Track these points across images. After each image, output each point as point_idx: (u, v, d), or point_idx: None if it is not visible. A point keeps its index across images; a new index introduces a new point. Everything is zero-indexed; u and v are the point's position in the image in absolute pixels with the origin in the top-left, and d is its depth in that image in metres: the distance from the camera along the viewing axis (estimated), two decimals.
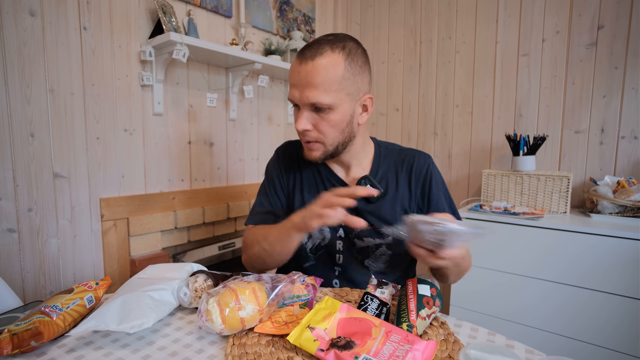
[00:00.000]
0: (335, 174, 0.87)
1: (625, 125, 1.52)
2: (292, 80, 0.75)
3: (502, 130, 1.80)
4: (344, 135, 0.78)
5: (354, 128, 0.79)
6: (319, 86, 0.70)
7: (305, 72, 0.71)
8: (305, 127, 0.74)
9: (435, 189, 0.84)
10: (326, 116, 0.74)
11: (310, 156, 0.79)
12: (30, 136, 1.10)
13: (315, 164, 0.89)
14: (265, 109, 1.88)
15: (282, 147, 0.97)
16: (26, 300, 1.11)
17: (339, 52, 0.72)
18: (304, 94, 0.72)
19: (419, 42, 2.05)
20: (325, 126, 0.75)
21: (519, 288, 1.39)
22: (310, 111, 0.74)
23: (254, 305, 0.56)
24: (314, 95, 0.71)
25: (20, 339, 0.50)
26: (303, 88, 0.72)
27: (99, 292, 0.64)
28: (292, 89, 0.75)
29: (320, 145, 0.78)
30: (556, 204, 1.47)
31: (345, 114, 0.75)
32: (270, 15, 1.84)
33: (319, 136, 0.76)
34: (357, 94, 0.76)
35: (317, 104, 0.72)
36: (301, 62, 0.72)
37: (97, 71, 1.24)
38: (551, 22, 1.65)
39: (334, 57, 0.71)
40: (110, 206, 1.27)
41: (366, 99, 0.78)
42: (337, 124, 0.75)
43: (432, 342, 0.49)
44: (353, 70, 0.73)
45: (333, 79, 0.71)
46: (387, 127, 2.19)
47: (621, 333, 1.20)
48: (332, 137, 0.76)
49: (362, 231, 0.82)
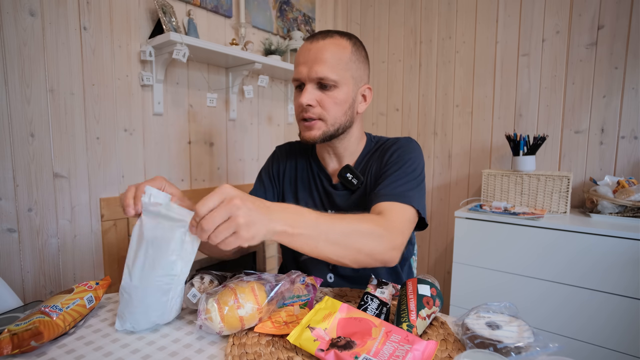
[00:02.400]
0: (325, 169, 0.88)
1: (625, 125, 1.52)
2: (301, 58, 0.76)
3: (502, 130, 1.80)
4: (346, 117, 0.79)
5: (354, 114, 0.81)
6: (328, 62, 0.73)
7: (316, 48, 0.74)
8: (309, 102, 0.75)
9: (395, 157, 0.79)
10: (331, 93, 0.75)
11: (310, 136, 0.78)
12: (30, 136, 1.10)
13: (307, 159, 0.91)
14: (265, 109, 1.88)
15: (281, 145, 0.99)
16: (26, 300, 1.11)
17: (347, 39, 0.78)
18: (312, 68, 0.74)
19: (419, 42, 2.05)
20: (329, 103, 0.76)
21: (518, 288, 1.39)
22: (315, 88, 0.75)
23: (253, 303, 0.56)
24: (322, 70, 0.73)
25: (20, 339, 0.50)
26: (312, 64, 0.74)
27: (99, 292, 0.64)
28: (299, 66, 0.76)
29: (321, 124, 0.77)
30: (556, 204, 1.47)
31: (349, 95, 0.77)
32: (270, 15, 1.84)
33: (322, 113, 0.76)
34: (360, 80, 0.80)
35: (325, 78, 0.73)
36: (312, 42, 0.76)
37: (97, 71, 1.24)
38: (551, 22, 1.65)
39: (343, 41, 0.77)
40: (110, 206, 1.27)
41: (366, 88, 0.82)
42: (341, 103, 0.76)
43: (432, 342, 0.49)
44: (358, 57, 0.78)
45: (341, 58, 0.75)
46: (387, 127, 2.19)
47: (621, 333, 1.21)
48: (334, 116, 0.77)
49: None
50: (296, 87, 0.80)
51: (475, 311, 0.57)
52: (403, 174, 0.76)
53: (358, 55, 0.78)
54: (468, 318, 0.55)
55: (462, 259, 1.52)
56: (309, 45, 0.76)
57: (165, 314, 0.58)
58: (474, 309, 0.58)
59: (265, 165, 0.97)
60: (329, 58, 0.74)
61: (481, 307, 0.58)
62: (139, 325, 0.57)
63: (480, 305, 0.58)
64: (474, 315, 0.56)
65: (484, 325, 0.53)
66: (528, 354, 0.47)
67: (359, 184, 0.82)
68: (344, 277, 0.86)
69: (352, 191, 0.84)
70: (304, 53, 0.76)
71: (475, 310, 0.57)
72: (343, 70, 0.75)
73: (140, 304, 0.56)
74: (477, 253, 1.48)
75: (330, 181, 0.87)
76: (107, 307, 0.67)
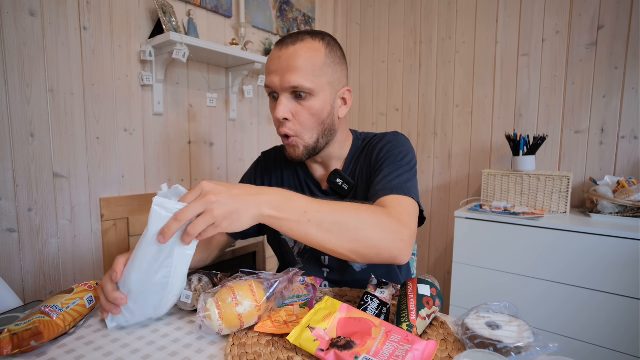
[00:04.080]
0: (312, 175, 0.85)
1: (625, 125, 1.52)
2: (272, 66, 0.71)
3: (502, 130, 1.80)
4: (324, 127, 0.74)
5: (334, 121, 0.76)
6: (300, 69, 0.68)
7: (287, 56, 0.69)
8: (284, 115, 0.70)
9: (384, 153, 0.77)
10: (306, 103, 0.71)
11: (294, 154, 0.75)
12: (30, 136, 1.10)
13: (294, 166, 0.87)
14: (265, 109, 1.88)
15: (267, 152, 0.95)
16: (26, 300, 1.11)
17: (319, 41, 0.72)
18: (285, 78, 0.69)
19: (419, 42, 2.05)
20: (305, 115, 0.71)
21: (518, 288, 1.39)
22: (290, 99, 0.71)
23: (251, 301, 0.56)
24: (295, 79, 0.68)
25: (20, 339, 0.50)
26: (284, 72, 0.69)
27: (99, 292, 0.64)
28: (270, 75, 0.71)
29: (299, 141, 0.73)
30: (556, 204, 1.47)
31: (326, 103, 0.73)
32: (270, 15, 1.84)
33: (298, 128, 0.72)
34: (337, 84, 0.75)
35: (298, 87, 0.69)
36: (282, 48, 0.70)
37: (97, 71, 1.24)
38: (551, 22, 1.65)
39: (315, 44, 0.71)
40: (110, 206, 1.27)
41: (345, 91, 0.77)
42: (318, 113, 0.72)
43: (432, 342, 0.49)
44: (333, 60, 0.73)
45: (315, 64, 0.70)
46: (387, 127, 2.19)
47: (621, 333, 1.21)
48: (311, 129, 0.73)
49: None
50: (269, 95, 0.75)
51: (475, 311, 0.57)
52: (397, 166, 0.73)
53: (333, 58, 0.73)
54: (468, 318, 0.55)
55: (462, 259, 1.52)
56: (278, 53, 0.70)
57: (160, 308, 0.58)
58: (474, 309, 0.58)
59: (247, 174, 0.94)
60: (302, 65, 0.68)
61: (481, 307, 0.58)
62: (133, 318, 0.57)
63: (480, 305, 0.58)
64: (474, 315, 0.56)
65: (484, 325, 0.53)
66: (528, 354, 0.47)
67: (350, 188, 0.79)
68: (339, 284, 0.83)
69: (343, 196, 0.81)
70: (274, 60, 0.71)
71: (475, 310, 0.57)
72: (318, 77, 0.70)
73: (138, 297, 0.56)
74: (477, 253, 1.48)
75: (320, 187, 0.84)
76: None
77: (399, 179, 0.71)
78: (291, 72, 0.68)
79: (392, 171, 0.72)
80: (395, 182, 0.70)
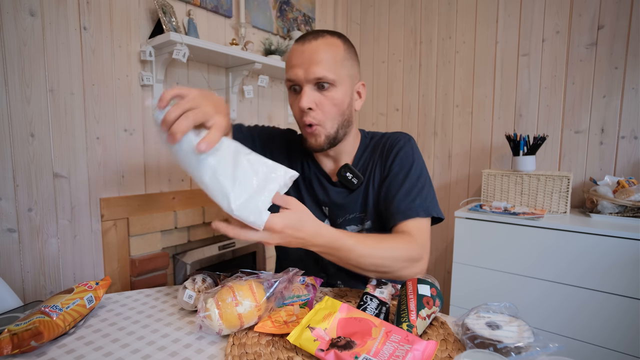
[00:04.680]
0: (322, 168, 0.87)
1: (625, 125, 1.52)
2: (295, 60, 0.75)
3: (502, 130, 1.80)
4: (343, 117, 0.79)
5: (352, 113, 0.81)
6: (323, 62, 0.73)
7: (310, 50, 0.73)
8: (309, 105, 0.74)
9: (398, 161, 0.81)
10: (329, 94, 0.75)
11: (315, 143, 0.78)
12: (30, 136, 1.10)
13: (305, 157, 0.89)
14: (265, 109, 1.88)
15: (288, 131, 0.97)
16: (26, 300, 1.11)
17: (337, 38, 0.77)
18: (309, 70, 0.73)
19: (419, 42, 2.05)
20: (328, 105, 0.75)
21: (518, 288, 1.39)
22: (313, 89, 0.74)
23: (251, 301, 0.56)
24: (320, 70, 0.72)
25: (20, 339, 0.50)
26: (308, 65, 0.73)
27: (99, 292, 0.64)
28: (293, 69, 0.75)
29: (321, 130, 0.77)
30: (556, 204, 1.47)
31: (346, 95, 0.77)
32: (270, 15, 1.84)
33: (321, 118, 0.76)
34: (354, 77, 0.80)
35: (322, 78, 0.73)
36: (304, 43, 0.75)
37: (97, 71, 1.24)
38: (551, 22, 1.65)
39: (334, 40, 0.76)
40: (110, 206, 1.27)
41: (360, 85, 0.82)
42: (339, 103, 0.76)
43: (432, 342, 0.49)
44: (351, 55, 0.78)
45: (335, 57, 0.75)
46: (387, 127, 2.19)
47: (621, 333, 1.21)
48: (332, 118, 0.77)
49: (344, 220, 0.84)
50: (290, 88, 0.78)
51: (475, 311, 0.57)
52: (414, 183, 0.78)
53: (350, 53, 0.78)
54: (468, 318, 0.55)
55: (462, 259, 1.52)
56: (301, 47, 0.75)
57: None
58: (474, 309, 0.58)
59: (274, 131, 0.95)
60: (325, 58, 0.73)
61: (481, 307, 0.58)
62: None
63: (480, 305, 0.58)
64: (474, 315, 0.56)
65: (484, 325, 0.53)
66: (528, 354, 0.47)
67: (359, 183, 0.83)
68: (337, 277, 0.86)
69: (352, 190, 0.84)
70: (297, 55, 0.75)
71: (475, 310, 0.57)
72: (339, 69, 0.75)
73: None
74: (477, 253, 1.48)
75: (330, 179, 0.87)
76: (107, 307, 0.67)
77: (418, 198, 0.77)
78: (315, 64, 0.73)
79: (410, 189, 0.78)
80: (417, 201, 0.76)
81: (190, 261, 1.47)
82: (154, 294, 0.73)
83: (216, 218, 1.60)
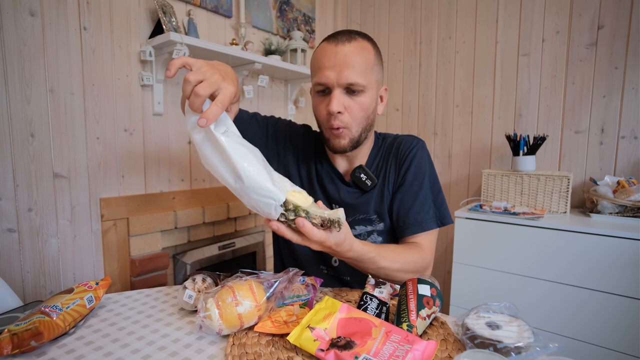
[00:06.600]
0: (335, 167, 0.87)
1: (625, 125, 1.52)
2: (326, 62, 0.73)
3: (502, 130, 1.80)
4: (369, 121, 0.79)
5: (375, 117, 0.81)
6: (356, 67, 0.72)
7: (344, 52, 0.72)
8: (339, 108, 0.73)
9: (413, 169, 0.82)
10: (358, 99, 0.74)
11: (338, 145, 0.78)
12: (30, 136, 1.10)
13: (319, 157, 0.89)
14: (265, 109, 1.88)
15: (314, 132, 0.95)
16: (26, 300, 1.11)
17: (368, 41, 0.76)
18: (342, 74, 0.71)
19: (419, 42, 2.05)
20: (356, 109, 0.75)
21: (518, 288, 1.39)
22: (342, 93, 0.74)
23: (251, 301, 0.56)
24: (353, 76, 0.71)
25: (20, 339, 0.50)
26: (341, 68, 0.71)
27: (99, 292, 0.64)
28: (325, 70, 0.73)
29: (347, 132, 0.76)
30: (556, 204, 1.47)
31: (373, 99, 0.77)
32: (270, 15, 1.84)
33: (349, 121, 0.75)
34: (380, 82, 0.80)
35: (355, 84, 0.72)
36: (337, 44, 0.73)
37: (97, 71, 1.24)
38: (551, 22, 1.65)
39: (366, 44, 0.75)
40: (110, 206, 1.27)
41: (383, 89, 0.82)
42: (367, 108, 0.76)
43: (432, 342, 0.49)
44: (378, 60, 0.78)
45: (367, 63, 0.74)
46: (387, 127, 2.19)
47: (621, 333, 1.21)
48: (358, 122, 0.76)
49: (353, 220, 0.85)
50: (318, 91, 0.76)
51: (475, 311, 0.57)
52: (428, 193, 0.82)
53: (378, 58, 0.78)
54: (468, 318, 0.55)
55: (462, 259, 1.52)
56: (334, 49, 0.72)
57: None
58: (474, 309, 0.58)
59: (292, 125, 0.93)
60: (358, 63, 0.72)
61: (481, 307, 0.58)
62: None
63: (480, 305, 0.58)
64: (474, 315, 0.56)
65: (484, 325, 0.53)
66: (528, 354, 0.47)
67: (372, 185, 0.83)
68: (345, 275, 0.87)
69: (365, 191, 0.84)
70: (329, 56, 0.73)
71: (475, 310, 0.57)
72: (369, 75, 0.74)
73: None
74: (477, 253, 1.48)
75: (343, 179, 0.87)
76: (107, 307, 0.67)
77: (434, 206, 0.81)
78: (349, 69, 0.72)
79: (426, 198, 0.81)
80: (431, 212, 0.81)
81: (190, 261, 1.47)
82: (154, 294, 0.73)
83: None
